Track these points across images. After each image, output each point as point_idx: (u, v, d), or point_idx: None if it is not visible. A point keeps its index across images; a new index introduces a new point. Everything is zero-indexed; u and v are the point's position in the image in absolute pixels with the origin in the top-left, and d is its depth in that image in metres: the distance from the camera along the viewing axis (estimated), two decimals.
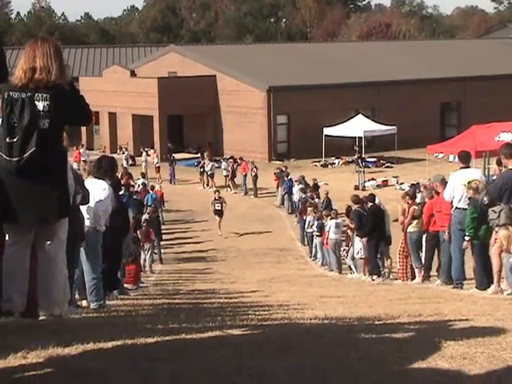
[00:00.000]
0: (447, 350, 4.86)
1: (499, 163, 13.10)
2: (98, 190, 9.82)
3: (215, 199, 32.64)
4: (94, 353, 4.62)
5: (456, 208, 13.83)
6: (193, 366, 4.37)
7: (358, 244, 19.91)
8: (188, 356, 4.63)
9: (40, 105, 5.50)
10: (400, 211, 18.24)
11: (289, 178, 37.57)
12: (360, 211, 19.59)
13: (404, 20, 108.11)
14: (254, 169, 41.17)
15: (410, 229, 17.09)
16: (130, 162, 48.87)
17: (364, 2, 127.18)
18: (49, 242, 5.78)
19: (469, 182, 13.30)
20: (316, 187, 34.69)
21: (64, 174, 5.71)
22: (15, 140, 5.48)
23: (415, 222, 17.00)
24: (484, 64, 61.76)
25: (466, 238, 13.16)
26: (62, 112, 5.58)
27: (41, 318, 5.94)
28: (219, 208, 32.41)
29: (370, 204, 19.50)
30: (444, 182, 14.95)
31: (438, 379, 4.24)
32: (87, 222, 9.38)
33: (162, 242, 27.83)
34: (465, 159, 14.65)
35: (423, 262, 16.90)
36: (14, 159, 5.47)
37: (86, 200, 8.46)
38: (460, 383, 4.20)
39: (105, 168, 10.24)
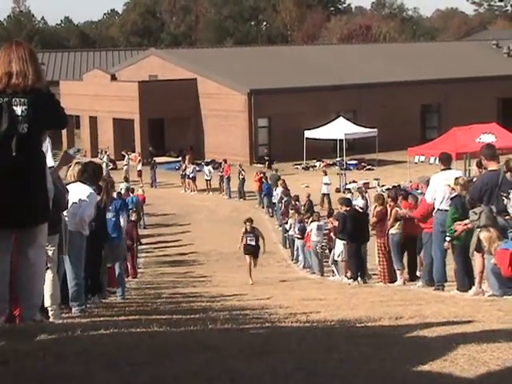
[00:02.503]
0: (428, 352, 4.88)
1: (479, 165, 13.17)
2: (83, 194, 9.83)
3: (246, 231, 22.89)
4: (75, 357, 4.60)
5: (438, 210, 13.91)
6: (175, 370, 4.36)
7: (340, 247, 19.94)
8: (170, 359, 4.62)
9: (18, 109, 5.48)
10: (373, 212, 18.39)
11: (267, 181, 37.69)
12: (345, 214, 19.62)
13: (384, 22, 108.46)
14: (243, 172, 41.28)
15: (392, 231, 17.14)
16: (111, 166, 48.73)
17: (344, 5, 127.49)
18: (29, 247, 5.76)
19: (456, 178, 13.43)
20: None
21: (44, 179, 5.70)
22: None
23: (397, 223, 17.06)
24: (464, 66, 62.09)
25: (447, 239, 13.23)
26: (40, 116, 5.57)
27: (22, 323, 5.92)
28: (252, 243, 22.65)
29: (348, 208, 19.56)
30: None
31: (419, 381, 4.26)
32: (70, 227, 9.36)
33: (142, 246, 27.81)
34: (446, 161, 14.75)
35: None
36: None
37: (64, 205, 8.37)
38: None
39: (89, 173, 10.26)
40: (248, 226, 22.95)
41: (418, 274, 17.25)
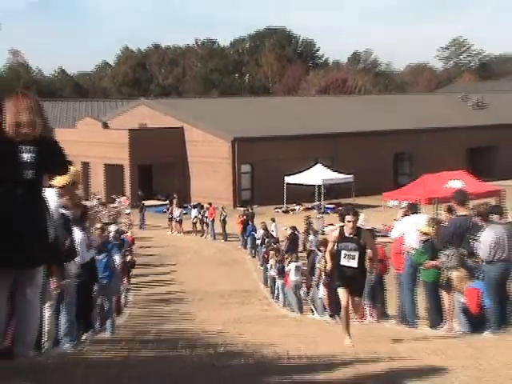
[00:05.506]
0: None
1: (449, 211, 13.29)
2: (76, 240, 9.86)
3: (343, 237, 10.40)
4: None
5: (408, 252, 13.99)
6: None
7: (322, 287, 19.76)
8: None
9: (25, 156, 5.50)
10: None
11: (252, 223, 37.72)
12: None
13: (359, 76, 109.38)
14: (224, 213, 41.33)
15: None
16: (101, 210, 48.61)
17: (322, 60, 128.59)
18: (28, 287, 5.73)
19: (433, 219, 13.71)
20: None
21: (45, 222, 5.70)
22: (2, 190, 5.44)
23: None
24: (434, 117, 62.69)
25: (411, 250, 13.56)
26: (46, 162, 5.59)
27: (15, 359, 5.85)
28: (354, 265, 10.29)
29: (325, 249, 19.49)
30: None
31: None
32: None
33: (131, 285, 27.63)
34: (412, 209, 15.30)
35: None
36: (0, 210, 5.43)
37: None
38: None
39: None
40: (349, 225, 10.36)
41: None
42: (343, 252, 10.38)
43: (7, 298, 5.71)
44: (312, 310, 21.63)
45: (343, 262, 10.36)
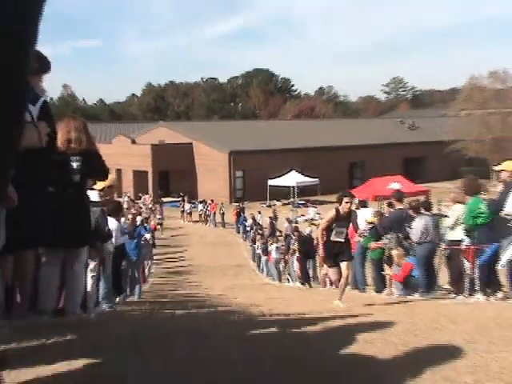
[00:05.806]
0: (355, 336, 4.88)
1: (390, 205, 13.35)
2: (112, 226, 9.89)
3: (338, 216, 9.12)
4: (108, 349, 4.53)
5: (359, 235, 14.05)
6: (178, 355, 4.29)
7: (296, 262, 19.88)
8: (173, 347, 4.55)
9: (74, 164, 5.55)
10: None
11: (244, 214, 37.80)
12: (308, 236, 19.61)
13: (324, 104, 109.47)
14: (223, 208, 41.47)
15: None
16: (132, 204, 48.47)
17: (295, 92, 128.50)
18: (75, 262, 5.78)
19: (377, 212, 13.86)
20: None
21: (88, 214, 5.74)
22: (55, 190, 5.48)
23: None
24: (379, 135, 62.89)
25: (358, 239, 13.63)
26: (90, 170, 5.65)
27: (66, 316, 5.85)
28: (341, 239, 9.20)
29: (298, 234, 19.60)
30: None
31: (348, 358, 4.26)
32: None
33: (153, 261, 27.57)
34: (362, 204, 15.42)
35: None
36: (54, 205, 5.45)
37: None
38: (363, 360, 4.22)
39: (111, 209, 10.29)
40: (346, 205, 9.20)
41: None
42: (335, 229, 9.18)
43: (59, 271, 5.75)
44: (288, 279, 21.68)
45: (333, 237, 9.20)
